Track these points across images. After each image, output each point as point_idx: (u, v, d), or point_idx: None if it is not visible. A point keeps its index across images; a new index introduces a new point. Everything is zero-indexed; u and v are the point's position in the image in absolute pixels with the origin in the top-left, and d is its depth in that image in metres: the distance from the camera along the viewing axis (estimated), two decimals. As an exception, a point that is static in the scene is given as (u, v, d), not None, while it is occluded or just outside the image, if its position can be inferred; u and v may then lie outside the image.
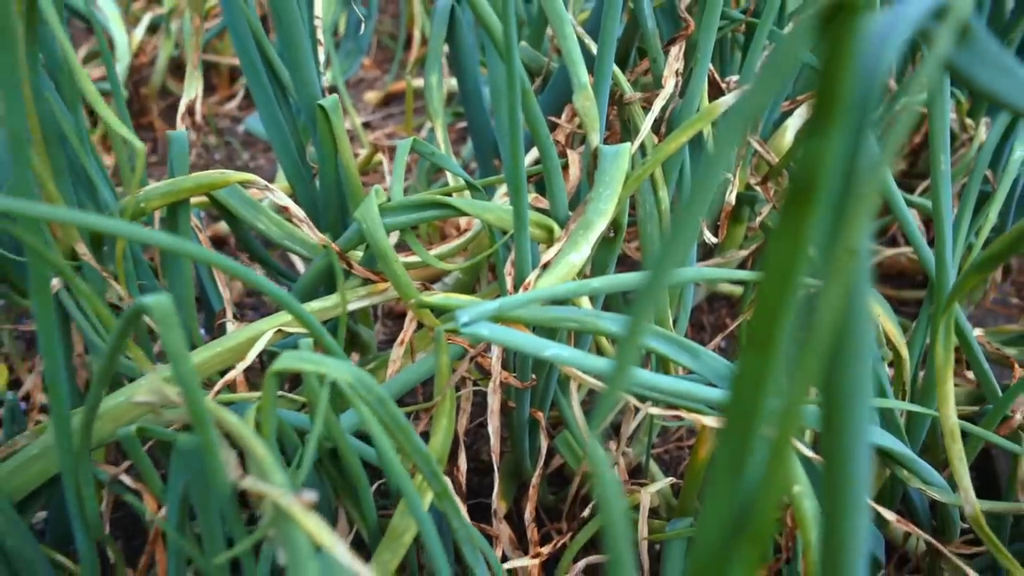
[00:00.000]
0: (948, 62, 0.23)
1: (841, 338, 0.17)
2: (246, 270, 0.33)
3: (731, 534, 0.19)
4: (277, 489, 0.30)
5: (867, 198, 0.16)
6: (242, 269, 0.32)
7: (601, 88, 0.54)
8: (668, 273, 0.18)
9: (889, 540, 0.65)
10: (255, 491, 0.31)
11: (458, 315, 0.39)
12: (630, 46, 0.66)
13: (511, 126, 0.41)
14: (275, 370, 0.34)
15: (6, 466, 0.46)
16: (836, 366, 0.17)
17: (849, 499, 0.19)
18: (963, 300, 0.81)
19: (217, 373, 0.50)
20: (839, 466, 0.18)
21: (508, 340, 0.39)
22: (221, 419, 0.33)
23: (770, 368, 0.17)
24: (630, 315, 0.18)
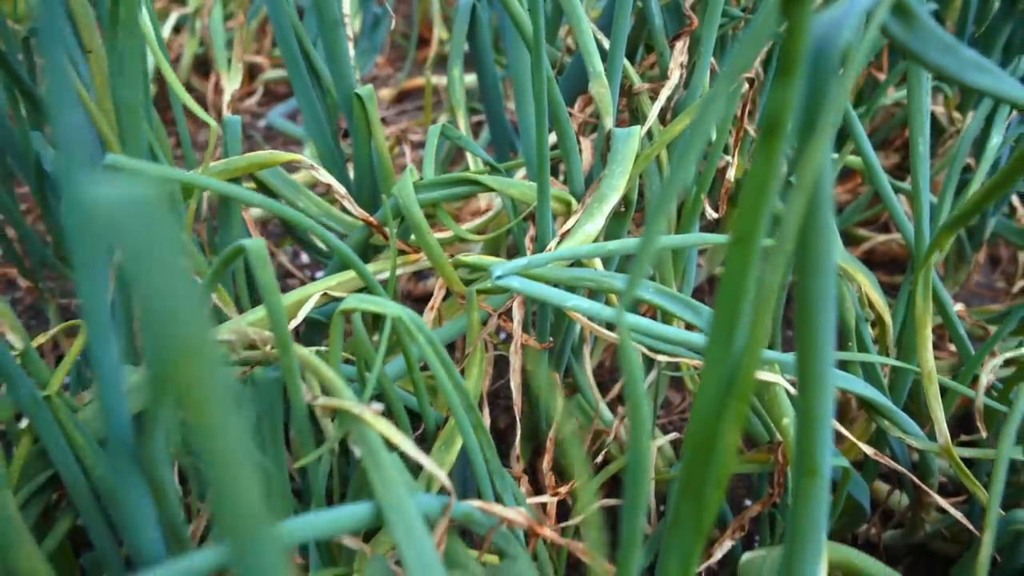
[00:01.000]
0: (901, 44, 0.30)
1: (805, 232, 0.24)
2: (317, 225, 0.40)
3: (724, 394, 0.26)
4: (350, 402, 0.37)
5: (821, 130, 0.23)
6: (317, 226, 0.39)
7: (613, 78, 0.61)
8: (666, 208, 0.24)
9: (873, 497, 0.72)
10: (330, 406, 0.38)
11: (492, 269, 0.46)
12: (638, 41, 0.73)
13: (537, 106, 0.47)
14: (343, 309, 0.41)
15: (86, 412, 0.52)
16: (802, 253, 0.24)
17: (818, 357, 0.25)
18: (949, 282, 0.88)
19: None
20: (809, 328, 0.25)
21: (535, 291, 0.46)
22: (297, 351, 0.40)
23: (751, 257, 0.24)
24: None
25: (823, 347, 0.26)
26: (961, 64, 0.31)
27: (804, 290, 0.25)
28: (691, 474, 0.27)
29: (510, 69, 0.72)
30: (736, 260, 0.24)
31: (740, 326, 0.25)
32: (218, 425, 0.14)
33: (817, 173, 0.24)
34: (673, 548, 0.29)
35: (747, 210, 0.23)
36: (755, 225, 0.23)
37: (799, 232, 0.24)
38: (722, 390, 0.26)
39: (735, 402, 0.26)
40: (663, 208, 0.25)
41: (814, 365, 0.26)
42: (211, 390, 0.14)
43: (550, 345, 0.63)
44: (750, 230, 0.24)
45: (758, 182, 0.23)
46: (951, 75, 0.31)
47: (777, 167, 0.23)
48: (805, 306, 0.25)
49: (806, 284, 0.25)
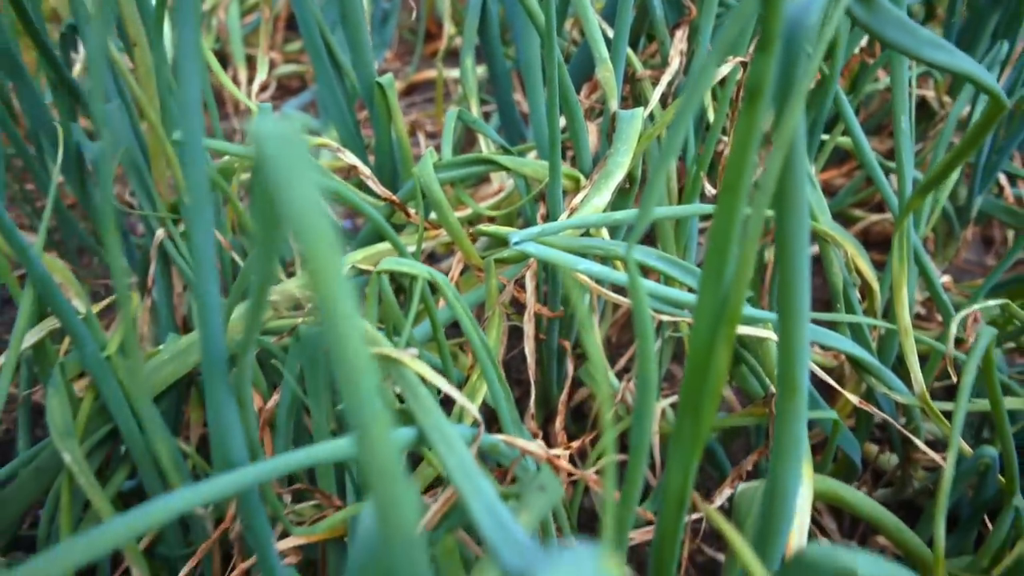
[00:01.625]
0: (863, 24, 0.35)
1: (783, 179, 0.29)
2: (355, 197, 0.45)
3: (717, 320, 0.31)
4: (388, 348, 0.42)
5: (796, 95, 0.28)
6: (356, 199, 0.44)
7: (617, 64, 0.66)
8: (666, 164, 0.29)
9: (864, 457, 0.77)
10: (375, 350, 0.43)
11: (510, 236, 0.51)
12: (640, 31, 0.78)
13: (549, 87, 0.53)
14: (380, 270, 0.46)
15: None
16: (780, 197, 0.29)
17: (795, 286, 0.30)
18: (939, 259, 0.93)
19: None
20: (787, 260, 0.30)
21: (548, 255, 0.51)
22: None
23: (738, 203, 0.29)
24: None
25: (799, 277, 0.31)
26: (918, 42, 0.36)
27: (782, 228, 0.30)
28: (690, 391, 0.33)
29: (519, 59, 0.77)
30: (725, 205, 0.29)
31: (729, 261, 0.30)
32: (342, 312, 0.19)
33: (792, 131, 0.29)
34: (675, 459, 0.34)
35: (733, 163, 0.29)
36: (740, 176, 0.29)
37: (778, 180, 0.29)
38: (715, 316, 0.31)
39: (726, 327, 0.31)
40: (664, 164, 0.30)
41: (792, 293, 0.31)
42: (338, 281, 0.19)
43: (561, 314, 0.68)
44: (736, 180, 0.29)
45: (742, 140, 0.28)
46: (909, 51, 0.36)
47: (758, 127, 0.28)
48: (783, 242, 0.30)
49: (783, 222, 0.30)
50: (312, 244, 0.19)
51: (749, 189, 0.29)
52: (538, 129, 0.71)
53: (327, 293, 0.19)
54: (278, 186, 0.19)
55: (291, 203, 0.19)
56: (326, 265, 0.19)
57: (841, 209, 1.03)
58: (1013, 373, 0.73)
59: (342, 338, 0.20)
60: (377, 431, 0.20)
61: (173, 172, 0.61)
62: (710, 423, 0.33)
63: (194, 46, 0.29)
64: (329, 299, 0.19)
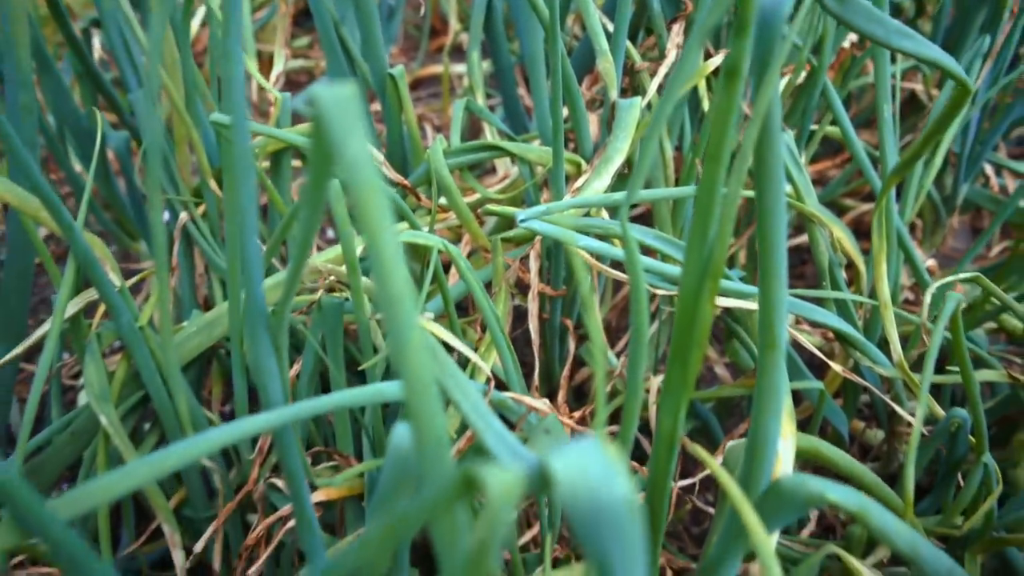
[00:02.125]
0: (835, 15, 0.39)
1: (760, 145, 0.33)
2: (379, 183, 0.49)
3: (702, 275, 0.35)
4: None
5: (771, 73, 0.32)
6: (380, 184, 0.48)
7: (617, 56, 0.70)
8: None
9: (851, 433, 0.81)
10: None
11: (517, 214, 0.56)
12: (639, 25, 0.83)
13: (553, 76, 0.57)
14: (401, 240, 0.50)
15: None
16: (759, 161, 0.33)
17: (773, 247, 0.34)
18: (926, 245, 0.97)
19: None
20: (765, 222, 0.34)
21: (552, 232, 0.55)
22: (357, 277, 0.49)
23: (719, 170, 0.33)
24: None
25: (777, 239, 0.35)
26: (887, 31, 0.40)
27: (760, 191, 0.35)
28: (678, 341, 0.37)
29: (523, 52, 0.81)
30: (709, 172, 0.33)
31: (712, 222, 0.34)
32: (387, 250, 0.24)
33: (768, 104, 0.33)
34: (665, 405, 0.38)
35: (715, 134, 0.33)
36: (721, 146, 0.33)
37: (756, 146, 0.33)
38: (700, 271, 0.35)
39: (710, 281, 0.35)
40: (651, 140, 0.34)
41: (770, 254, 0.36)
42: (384, 222, 0.23)
43: (563, 292, 0.72)
44: (717, 149, 0.33)
45: (722, 113, 0.33)
46: (878, 39, 0.40)
47: (736, 101, 0.32)
48: (762, 204, 0.35)
49: (762, 186, 0.35)
50: (363, 190, 0.23)
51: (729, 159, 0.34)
52: (541, 118, 0.75)
53: (375, 233, 0.23)
54: (334, 141, 0.23)
55: (346, 156, 0.23)
56: (375, 209, 0.23)
57: (833, 199, 1.07)
58: (993, 350, 0.77)
59: (387, 271, 0.24)
60: (414, 349, 0.24)
61: (197, 157, 0.66)
62: (696, 370, 0.37)
63: (239, 28, 0.33)
64: (377, 238, 0.24)
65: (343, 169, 0.23)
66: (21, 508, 0.26)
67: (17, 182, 0.55)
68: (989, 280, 0.67)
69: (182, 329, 0.61)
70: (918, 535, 0.38)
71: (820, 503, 0.34)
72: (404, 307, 0.24)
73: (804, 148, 0.82)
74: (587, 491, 0.21)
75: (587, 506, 0.21)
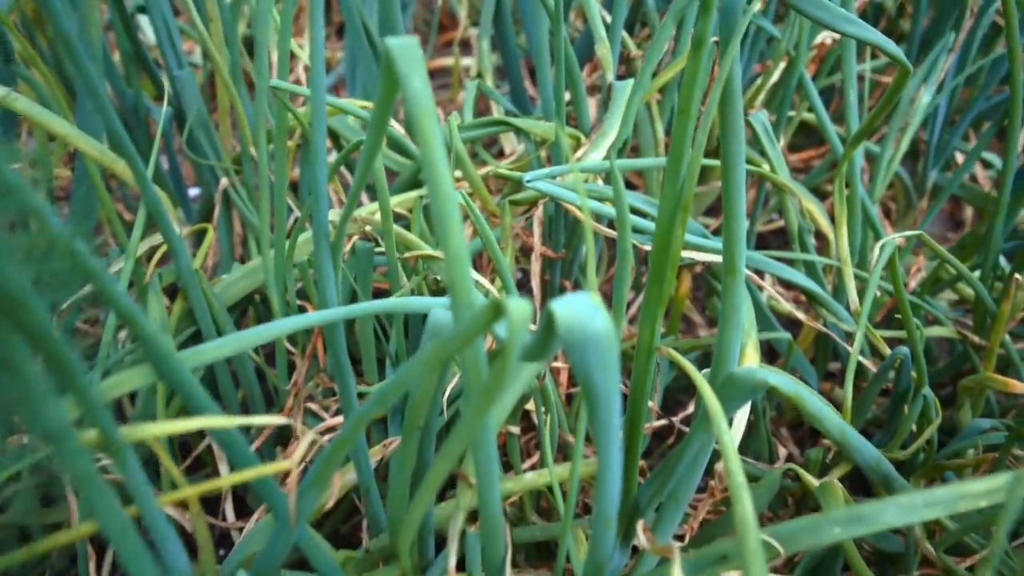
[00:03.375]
0: (792, 4, 0.49)
1: (724, 99, 0.42)
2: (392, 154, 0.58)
3: (674, 207, 0.45)
4: (428, 249, 0.56)
5: (731, 46, 0.42)
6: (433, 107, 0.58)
7: (614, 44, 0.80)
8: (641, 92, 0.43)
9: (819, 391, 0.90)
10: (415, 255, 0.56)
11: (524, 176, 0.65)
12: (635, 19, 0.92)
13: (557, 60, 0.66)
14: (420, 194, 0.59)
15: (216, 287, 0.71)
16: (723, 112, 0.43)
17: (733, 186, 0.44)
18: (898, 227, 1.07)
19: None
20: (728, 161, 0.43)
21: (555, 191, 0.64)
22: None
23: (689, 121, 0.42)
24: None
25: (737, 179, 0.44)
26: (833, 17, 0.50)
27: (725, 142, 0.44)
28: (656, 264, 0.46)
29: (530, 41, 0.91)
30: (680, 123, 0.43)
31: (683, 163, 0.44)
32: (438, 158, 0.33)
33: (729, 70, 0.42)
34: (645, 319, 0.48)
35: (685, 93, 0.42)
36: (690, 101, 0.42)
37: (720, 101, 0.43)
38: (674, 203, 0.45)
39: (681, 211, 0.45)
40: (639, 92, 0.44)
41: (731, 195, 0.45)
42: (436, 136, 0.32)
43: (563, 255, 0.81)
44: (687, 104, 0.42)
45: (690, 75, 0.42)
46: (827, 25, 0.50)
47: (703, 67, 0.42)
48: (726, 151, 0.44)
49: (725, 130, 0.44)
50: (421, 111, 0.32)
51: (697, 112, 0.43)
52: (545, 100, 0.84)
53: (428, 141, 0.33)
54: (401, 75, 0.32)
55: (409, 87, 0.32)
56: (428, 124, 0.32)
57: (816, 184, 1.16)
58: (951, 314, 0.87)
59: (437, 173, 0.33)
60: (453, 227, 0.34)
61: (240, 128, 0.75)
62: (670, 288, 0.46)
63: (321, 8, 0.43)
64: (430, 145, 0.33)
65: (407, 95, 0.32)
66: (157, 356, 0.36)
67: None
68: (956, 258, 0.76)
69: (221, 281, 0.71)
70: (847, 425, 0.47)
71: (764, 387, 0.43)
72: (448, 196, 0.33)
73: (782, 131, 0.92)
74: (579, 323, 0.31)
75: (578, 335, 0.31)
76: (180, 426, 0.36)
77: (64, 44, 0.44)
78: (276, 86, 0.55)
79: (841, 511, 0.40)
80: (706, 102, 0.44)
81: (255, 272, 0.71)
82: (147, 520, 0.38)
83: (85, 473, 0.32)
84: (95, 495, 0.33)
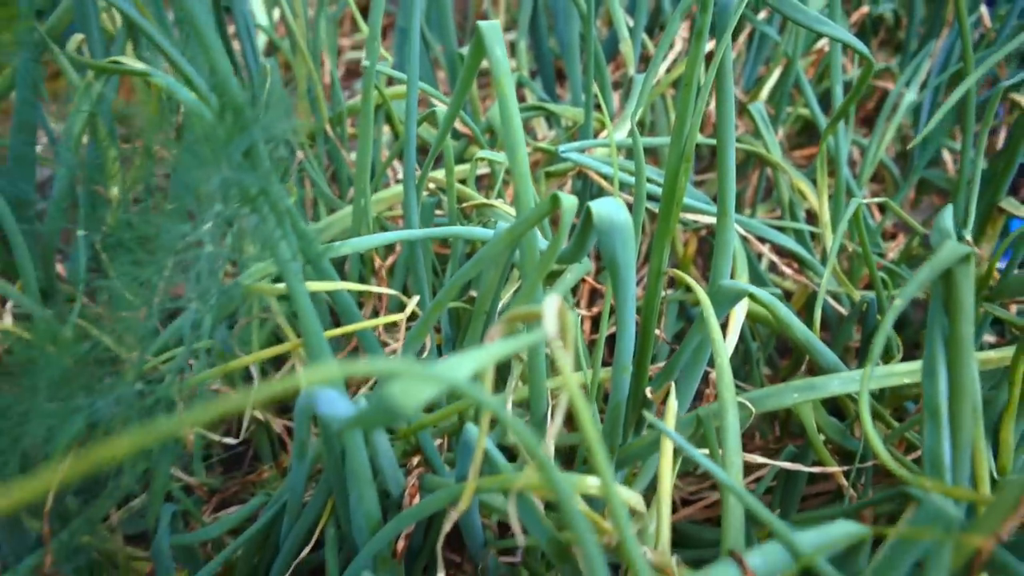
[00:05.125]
0: (773, 5, 0.64)
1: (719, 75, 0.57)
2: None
3: (679, 159, 0.60)
4: (480, 199, 0.71)
5: (725, 36, 0.57)
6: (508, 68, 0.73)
7: (635, 43, 0.95)
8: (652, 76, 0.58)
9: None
10: (473, 204, 0.72)
11: (559, 148, 0.80)
12: (654, 22, 1.08)
13: (588, 60, 0.82)
14: (477, 157, 0.75)
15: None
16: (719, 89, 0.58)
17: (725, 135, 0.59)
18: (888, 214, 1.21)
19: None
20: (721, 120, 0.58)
21: (585, 160, 0.80)
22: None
23: (691, 93, 0.57)
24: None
25: (728, 141, 0.59)
26: (808, 18, 0.65)
27: (719, 100, 0.59)
28: (665, 205, 0.61)
29: (561, 40, 1.06)
30: (684, 95, 0.58)
31: (687, 124, 0.59)
32: (509, 92, 0.48)
33: (723, 52, 0.57)
34: (656, 249, 0.63)
35: (688, 71, 0.57)
36: (692, 77, 0.57)
37: (716, 75, 0.58)
38: (679, 155, 0.60)
39: (684, 162, 0.60)
40: (653, 71, 0.59)
41: (724, 149, 0.60)
42: (510, 85, 0.48)
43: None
44: (690, 79, 0.57)
45: (692, 59, 0.57)
46: (804, 24, 0.65)
47: (701, 50, 0.57)
48: (720, 117, 0.59)
49: (719, 96, 0.59)
50: (501, 72, 0.48)
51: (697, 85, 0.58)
52: (575, 90, 1.00)
53: (505, 94, 0.48)
54: (487, 46, 0.48)
55: (493, 54, 0.48)
56: (507, 82, 0.48)
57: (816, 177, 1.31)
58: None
59: (510, 113, 0.48)
60: (520, 152, 0.49)
61: (319, 108, 0.91)
62: (675, 223, 0.61)
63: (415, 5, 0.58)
64: (505, 96, 0.48)
65: (492, 59, 0.48)
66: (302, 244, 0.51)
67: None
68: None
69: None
70: (810, 332, 0.62)
71: (744, 294, 0.58)
72: (517, 129, 0.49)
73: (781, 124, 1.07)
74: (607, 216, 0.46)
75: (607, 223, 0.46)
76: (320, 286, 0.51)
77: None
78: (377, 70, 0.70)
79: (798, 382, 0.55)
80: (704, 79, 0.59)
81: (332, 225, 0.87)
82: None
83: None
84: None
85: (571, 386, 0.27)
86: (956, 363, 0.39)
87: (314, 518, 0.56)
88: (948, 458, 0.40)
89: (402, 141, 0.61)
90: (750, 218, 0.86)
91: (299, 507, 0.56)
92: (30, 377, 0.39)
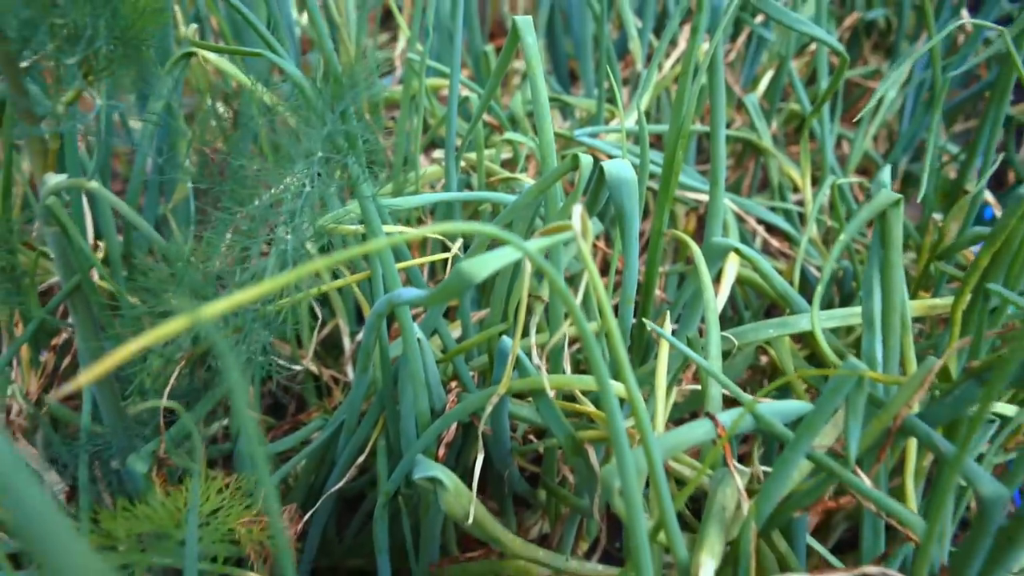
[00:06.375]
0: (757, 6, 0.76)
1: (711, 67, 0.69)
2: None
3: (677, 134, 0.72)
4: (505, 173, 0.83)
5: (718, 33, 0.69)
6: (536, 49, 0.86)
7: (643, 42, 1.07)
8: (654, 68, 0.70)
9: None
10: (498, 179, 0.84)
11: (575, 133, 0.92)
12: (661, 24, 1.20)
13: (601, 56, 0.94)
14: (504, 140, 0.87)
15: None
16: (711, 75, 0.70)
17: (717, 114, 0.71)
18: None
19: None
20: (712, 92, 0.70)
21: (597, 143, 0.92)
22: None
23: (688, 80, 0.69)
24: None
25: (719, 119, 0.71)
26: (790, 19, 0.77)
27: (712, 97, 0.71)
28: (665, 174, 0.73)
29: (575, 39, 1.19)
30: (682, 81, 0.70)
31: (685, 105, 0.71)
32: (539, 77, 0.60)
33: (715, 47, 0.70)
34: (658, 212, 0.75)
35: (685, 63, 0.69)
36: (688, 67, 0.69)
37: (708, 68, 0.70)
38: (677, 132, 0.72)
39: (683, 139, 0.72)
40: (656, 60, 0.71)
41: (715, 127, 0.72)
42: (538, 65, 0.60)
43: (599, 204, 1.08)
44: (687, 68, 0.70)
45: (689, 52, 0.69)
46: (787, 24, 0.77)
47: (698, 45, 0.69)
48: (712, 101, 0.71)
49: (712, 92, 0.71)
50: (533, 56, 0.60)
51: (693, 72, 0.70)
52: (587, 85, 1.12)
53: (535, 75, 0.60)
54: (521, 34, 0.60)
55: (526, 40, 0.60)
56: (537, 65, 0.60)
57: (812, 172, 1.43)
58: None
59: (539, 90, 0.61)
60: (546, 122, 0.61)
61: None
62: (674, 191, 0.73)
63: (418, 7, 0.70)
64: (535, 77, 0.60)
65: (525, 46, 0.60)
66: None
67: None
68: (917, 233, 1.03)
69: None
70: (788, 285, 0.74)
71: (731, 248, 0.70)
72: (545, 105, 0.61)
73: (774, 117, 1.19)
74: (617, 172, 0.58)
75: (616, 178, 0.58)
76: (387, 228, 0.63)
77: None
78: (413, 59, 0.82)
79: (774, 320, 0.67)
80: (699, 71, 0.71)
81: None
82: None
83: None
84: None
85: (590, 267, 0.39)
86: (887, 282, 0.51)
87: (367, 432, 0.68)
88: (880, 359, 0.52)
89: (431, 133, 0.73)
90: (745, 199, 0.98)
91: (356, 422, 0.68)
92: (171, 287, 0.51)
